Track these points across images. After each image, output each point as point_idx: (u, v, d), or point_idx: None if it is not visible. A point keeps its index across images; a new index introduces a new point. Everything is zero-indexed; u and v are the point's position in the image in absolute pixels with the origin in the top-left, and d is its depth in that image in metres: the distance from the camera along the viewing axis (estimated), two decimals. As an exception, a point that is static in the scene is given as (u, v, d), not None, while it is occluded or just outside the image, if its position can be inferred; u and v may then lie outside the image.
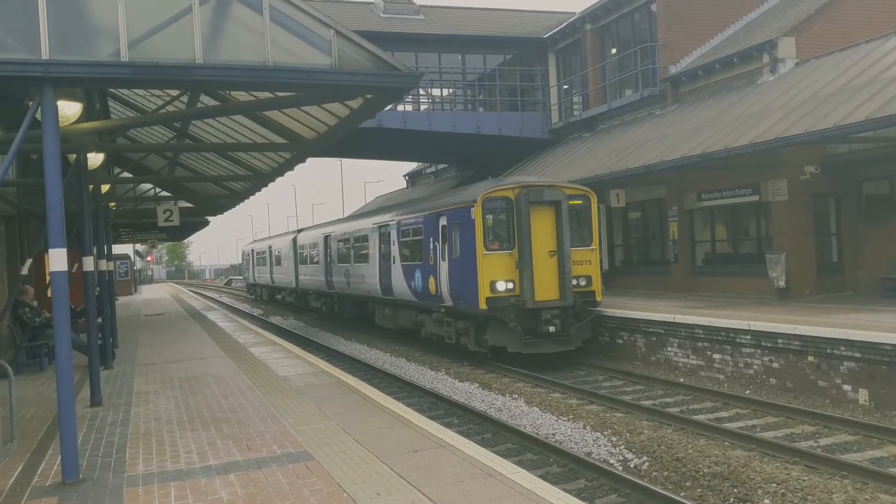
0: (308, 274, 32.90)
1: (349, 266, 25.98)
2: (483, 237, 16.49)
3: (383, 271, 22.22)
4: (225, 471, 7.07)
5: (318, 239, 30.75)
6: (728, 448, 9.77)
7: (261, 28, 7.65)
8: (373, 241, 23.35)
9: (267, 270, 43.81)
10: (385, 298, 22.49)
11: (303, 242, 34.14)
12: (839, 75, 17.07)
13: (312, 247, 32.05)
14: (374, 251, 23.24)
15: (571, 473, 9.34)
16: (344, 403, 9.91)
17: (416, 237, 19.88)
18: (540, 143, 30.32)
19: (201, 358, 15.14)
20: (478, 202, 16.53)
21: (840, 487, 8.00)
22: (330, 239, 28.78)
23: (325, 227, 30.95)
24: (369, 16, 31.40)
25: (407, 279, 20.28)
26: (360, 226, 25.47)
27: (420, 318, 20.22)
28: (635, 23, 26.91)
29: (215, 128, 15.03)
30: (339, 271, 27.37)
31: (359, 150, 35.04)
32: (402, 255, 20.85)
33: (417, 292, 19.60)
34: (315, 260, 31.27)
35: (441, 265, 18.07)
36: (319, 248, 30.41)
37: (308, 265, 32.86)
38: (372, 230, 23.53)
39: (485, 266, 16.34)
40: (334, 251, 28.03)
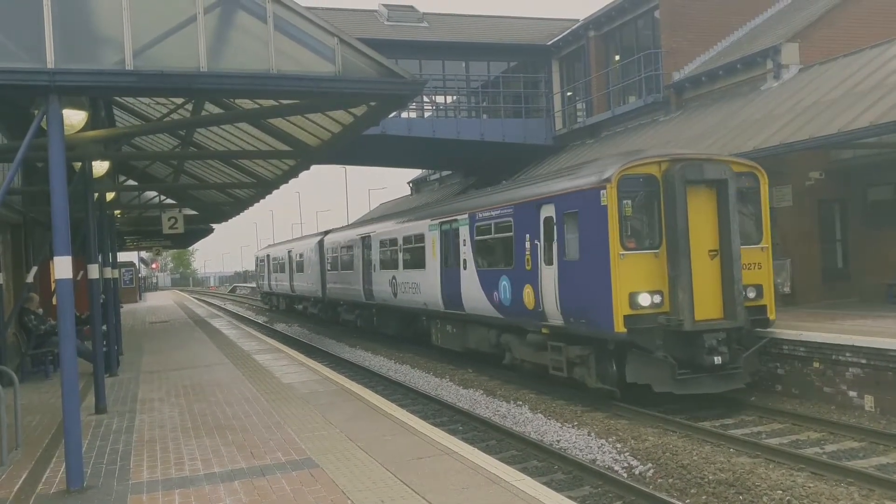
0: (339, 282, 28.72)
1: (396, 273, 21.94)
2: (619, 232, 12.09)
3: (447, 279, 18.40)
4: (229, 478, 7.07)
5: (353, 241, 26.60)
6: (733, 455, 9.74)
7: (265, 36, 7.69)
8: (431, 241, 19.42)
9: (286, 278, 39.50)
10: (449, 313, 18.55)
11: (332, 245, 29.99)
12: (843, 81, 17.06)
13: (345, 250, 27.76)
14: (432, 254, 19.28)
15: (576, 480, 9.31)
16: (348, 410, 9.91)
17: (500, 234, 15.81)
18: (544, 150, 30.34)
19: (206, 365, 15.16)
20: (612, 182, 12.04)
21: (846, 494, 7.97)
22: (369, 241, 24.67)
23: (362, 228, 26.69)
24: (373, 23, 31.50)
25: (486, 289, 16.28)
26: (411, 224, 21.26)
27: (505, 340, 15.97)
28: (639, 29, 26.94)
29: (219, 135, 15.08)
30: (381, 279, 23.35)
31: (363, 157, 35.09)
32: (479, 258, 16.82)
33: (503, 306, 15.58)
34: (349, 265, 27.03)
35: (544, 271, 13.87)
36: (355, 251, 26.17)
37: (339, 271, 28.69)
38: (430, 228, 19.50)
39: (621, 272, 11.96)
40: (375, 255, 23.91)
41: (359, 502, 6.18)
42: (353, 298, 26.83)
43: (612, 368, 12.54)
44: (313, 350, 23.03)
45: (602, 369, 12.78)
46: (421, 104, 31.02)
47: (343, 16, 30.72)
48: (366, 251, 24.98)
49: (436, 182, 43.65)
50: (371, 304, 24.90)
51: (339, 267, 28.61)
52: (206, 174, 19.64)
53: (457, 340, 18.62)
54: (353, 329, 27.95)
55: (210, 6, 7.54)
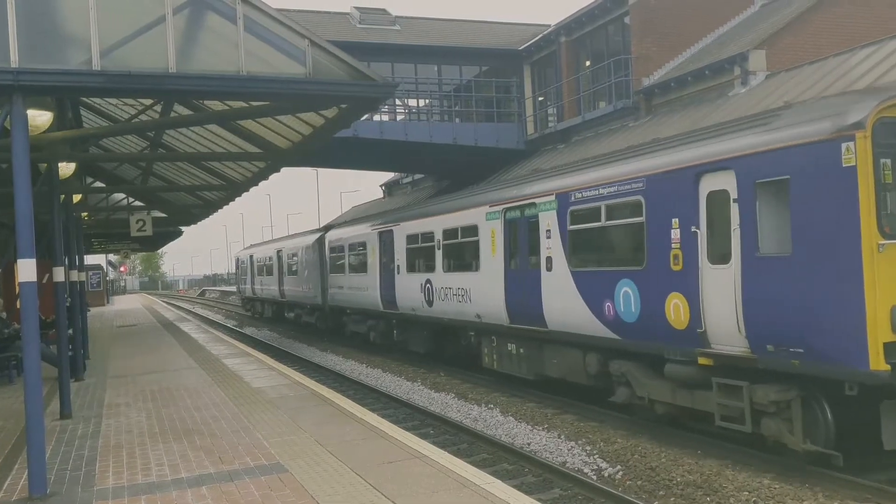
0: (346, 286, 23.93)
1: (432, 276, 17.51)
2: (876, 210, 7.78)
3: (516, 283, 13.94)
4: (197, 483, 7.00)
5: (366, 238, 22.14)
6: (701, 457, 9.83)
7: (235, 37, 7.64)
8: (489, 234, 14.83)
9: (273, 281, 34.40)
10: (517, 328, 13.97)
11: (336, 243, 25.20)
12: (809, 88, 17.35)
13: (355, 249, 23.23)
14: (491, 251, 14.83)
15: (546, 483, 9.35)
16: (318, 415, 9.86)
17: (618, 221, 11.22)
18: (516, 154, 30.47)
19: (174, 369, 14.99)
20: (865, 129, 7.75)
21: (811, 495, 8.08)
22: (391, 237, 20.16)
23: (381, 221, 21.80)
24: (345, 26, 31.42)
25: (588, 297, 11.73)
26: (457, 214, 16.46)
27: (620, 370, 11.31)
28: (609, 35, 27.19)
29: (189, 137, 14.94)
30: (408, 283, 18.91)
31: (334, 160, 34.97)
32: (575, 255, 12.18)
33: (621, 322, 11.00)
34: (360, 267, 22.55)
35: (708, 273, 9.52)
36: (370, 250, 21.77)
37: (345, 274, 23.99)
38: (489, 217, 14.81)
39: (881, 272, 7.75)
40: (400, 254, 19.40)
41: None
42: (366, 306, 22.03)
43: (827, 420, 8.44)
44: (283, 354, 22.87)
45: (813, 421, 8.59)
46: (393, 107, 30.99)
47: (315, 18, 30.61)
48: (385, 249, 20.56)
49: (408, 185, 43.64)
50: (391, 315, 20.29)
51: (345, 269, 23.98)
52: (175, 176, 19.44)
53: (526, 365, 14.08)
54: (364, 343, 23.58)
55: (179, 7, 7.49)
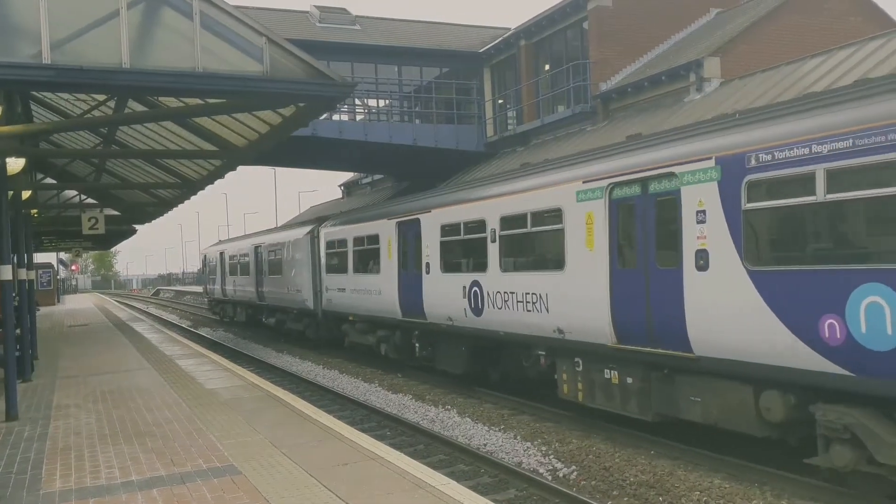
0: (350, 290, 19.84)
1: (481, 277, 13.43)
2: None
3: (634, 288, 9.99)
4: (147, 486, 6.88)
5: (379, 231, 17.96)
6: (654, 457, 9.97)
7: (191, 33, 7.55)
8: (578, 220, 10.96)
9: (250, 282, 29.91)
10: (628, 351, 10.13)
11: (335, 238, 21.16)
12: (762, 94, 17.72)
13: (361, 244, 19.17)
14: (582, 244, 10.90)
15: (502, 483, 9.39)
16: (273, 417, 9.77)
17: (860, 192, 7.25)
18: (476, 156, 30.57)
19: (126, 370, 14.73)
20: None
21: (759, 494, 8.25)
22: (417, 228, 15.99)
23: (401, 209, 17.22)
24: (305, 25, 31.20)
25: (783, 311, 7.88)
26: (527, 196, 12.29)
27: (845, 421, 7.52)
28: (568, 40, 27.44)
29: (144, 134, 14.71)
30: (443, 287, 14.89)
31: (293, 159, 34.70)
32: (759, 247, 8.41)
33: (852, 348, 7.23)
34: (369, 266, 18.73)
35: None
36: (384, 246, 17.66)
37: (348, 275, 19.99)
38: (584, 196, 10.85)
39: None
40: (432, 249, 15.36)
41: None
42: (377, 314, 18.13)
43: None
44: (239, 355, 22.61)
45: None
46: (353, 107, 30.86)
47: (274, 16, 30.35)
48: (407, 244, 16.65)
49: (367, 186, 43.50)
50: (414, 325, 16.38)
51: (348, 268, 20.00)
52: (129, 173, 19.12)
53: (638, 401, 10.16)
54: (373, 357, 19.85)
55: (133, 1, 7.36)
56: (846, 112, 7.48)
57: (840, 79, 16.00)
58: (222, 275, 35.23)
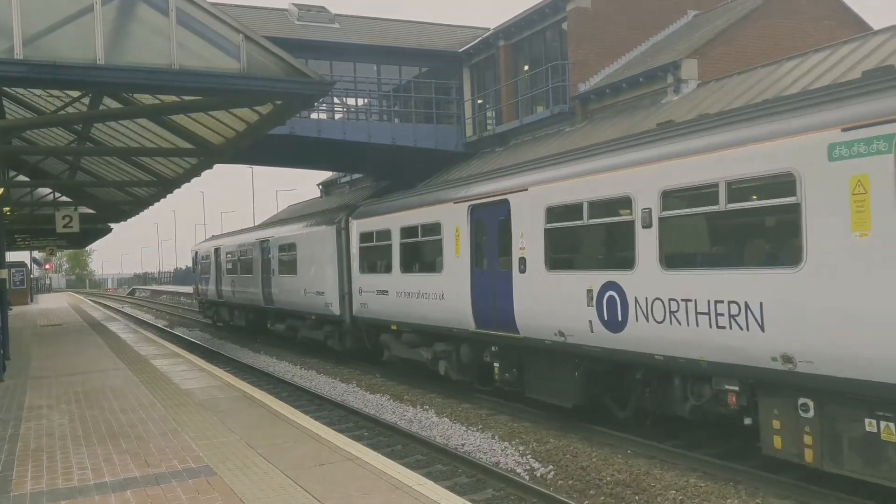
0: (396, 292, 15.91)
1: (628, 278, 9.72)
2: None
3: None
4: (121, 487, 6.79)
5: (443, 217, 14.11)
6: (631, 456, 10.02)
7: (167, 30, 7.49)
8: (834, 190, 7.14)
9: (254, 282, 25.74)
10: None
11: (374, 229, 17.08)
12: (739, 96, 17.88)
13: (413, 236, 15.44)
14: (848, 228, 7.03)
15: (479, 483, 9.39)
16: (249, 417, 9.69)
17: None
18: (455, 156, 30.57)
19: (100, 370, 14.55)
20: None
21: (734, 493, 8.32)
22: (506, 212, 12.20)
23: (477, 187, 13.45)
24: (283, 22, 31.04)
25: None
26: (725, 154, 8.30)
27: None
28: (547, 41, 27.52)
29: (119, 131, 14.55)
30: (548, 291, 11.20)
31: (270, 158, 34.49)
32: None
33: None
34: (422, 263, 15.24)
35: None
36: (449, 236, 13.87)
37: (391, 275, 16.17)
38: (849, 149, 6.95)
39: None
40: (531, 240, 11.55)
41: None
42: (437, 323, 14.38)
43: None
44: (215, 355, 22.44)
45: None
46: (331, 106, 30.75)
47: (252, 13, 30.17)
48: (487, 235, 12.82)
49: (346, 185, 43.35)
50: (497, 340, 12.60)
51: (390, 266, 16.26)
52: (104, 171, 18.91)
53: None
54: (427, 375, 16.04)
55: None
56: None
57: (814, 81, 16.18)
58: (217, 274, 31.22)
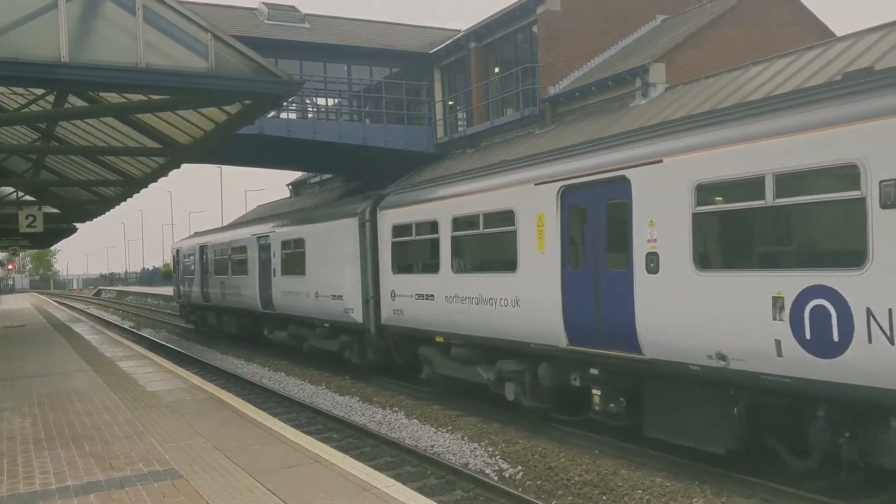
0: (444, 296, 13.06)
1: None
2: None
3: None
4: (84, 491, 6.69)
5: (516, 202, 11.21)
6: (598, 456, 10.09)
7: (133, 28, 7.40)
8: None
9: (249, 283, 22.50)
10: None
11: (413, 221, 14.14)
12: (706, 100, 18.12)
13: (473, 226, 12.37)
14: None
15: (448, 485, 9.39)
16: (216, 419, 9.60)
17: None
18: (425, 157, 30.58)
19: (64, 372, 14.32)
20: None
21: (700, 492, 8.42)
22: (626, 194, 9.20)
23: (575, 167, 10.28)
24: (253, 22, 30.83)
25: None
26: None
27: None
28: (518, 43, 27.66)
29: (84, 130, 14.34)
30: (712, 299, 8.11)
31: (240, 158, 34.24)
32: None
33: None
34: (496, 262, 12.06)
35: None
36: (527, 227, 10.91)
37: (442, 275, 13.13)
38: None
39: None
40: (666, 228, 8.66)
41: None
42: (506, 336, 11.52)
43: None
44: (182, 357, 22.19)
45: None
46: (302, 106, 30.60)
47: (220, 12, 29.91)
48: (588, 224, 9.94)
49: (316, 185, 43.15)
50: (598, 360, 9.87)
51: (437, 265, 13.26)
52: (69, 170, 18.62)
53: None
54: (478, 397, 13.54)
55: (73, -7, 7.18)
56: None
57: (779, 86, 16.45)
58: (203, 274, 27.70)
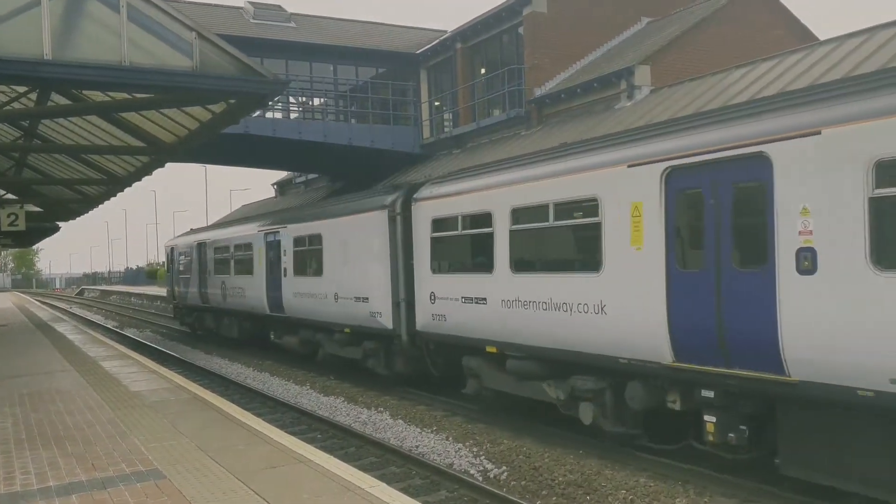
0: (506, 300, 11.04)
1: None
2: None
3: None
4: (66, 492, 6.65)
5: (613, 189, 9.17)
6: (582, 457, 10.13)
7: (117, 26, 7.36)
8: None
9: (255, 283, 20.77)
10: None
11: (462, 211, 12.24)
12: (690, 102, 18.24)
13: (542, 217, 10.36)
14: None
15: (433, 485, 9.40)
16: (200, 420, 9.57)
17: None
18: (411, 158, 30.57)
19: (46, 372, 14.21)
20: None
21: (683, 492, 8.47)
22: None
23: (689, 143, 8.35)
24: (238, 21, 30.72)
25: None
26: None
27: None
28: (503, 45, 27.71)
29: (68, 128, 14.24)
30: None
31: (224, 157, 34.09)
32: None
33: None
34: (572, 258, 10.18)
35: None
36: (626, 214, 8.95)
37: (498, 275, 11.26)
38: None
39: None
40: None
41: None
42: (590, 347, 9.56)
43: None
44: (166, 357, 22.07)
45: None
46: (287, 105, 30.52)
47: (206, 11, 29.79)
48: (706, 213, 8.09)
49: (302, 185, 43.03)
50: (722, 380, 7.98)
51: (491, 263, 11.39)
52: (52, 169, 18.48)
53: None
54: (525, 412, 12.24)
55: (56, -10, 7.13)
56: None
57: (763, 89, 16.57)
58: (202, 274, 26.07)
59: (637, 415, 9.53)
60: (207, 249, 25.56)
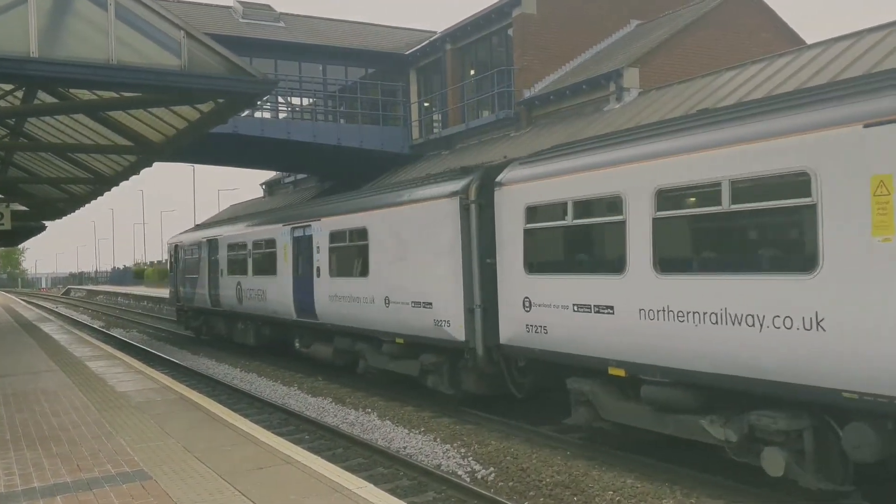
0: (659, 309, 8.33)
1: None
2: None
3: None
4: (51, 493, 6.60)
5: (860, 156, 6.51)
6: (570, 458, 10.14)
7: (105, 25, 7.32)
8: None
9: (279, 286, 18.32)
10: None
11: (578, 195, 9.61)
12: (679, 105, 18.31)
13: (715, 201, 7.69)
14: None
15: (421, 486, 9.39)
16: (187, 420, 9.52)
17: None
18: (401, 158, 30.56)
19: (31, 372, 14.11)
20: None
21: (670, 493, 8.49)
22: None
23: None
24: (227, 20, 30.62)
25: None
26: None
27: None
28: (493, 46, 27.75)
29: (54, 127, 14.15)
30: None
31: (213, 157, 33.95)
32: None
33: None
34: (779, 258, 7.47)
35: None
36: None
37: (640, 275, 8.59)
38: None
39: None
40: None
41: (193, 515, 5.94)
42: (789, 376, 7.12)
43: None
44: (152, 357, 21.95)
45: None
46: (275, 105, 30.43)
47: (194, 10, 29.67)
48: None
49: (290, 185, 42.92)
50: None
51: (621, 263, 8.95)
52: (39, 167, 18.36)
53: None
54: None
55: (43, -12, 7.08)
56: None
57: (751, 92, 16.66)
58: (212, 274, 23.30)
59: (849, 466, 7.20)
60: (220, 247, 22.65)
